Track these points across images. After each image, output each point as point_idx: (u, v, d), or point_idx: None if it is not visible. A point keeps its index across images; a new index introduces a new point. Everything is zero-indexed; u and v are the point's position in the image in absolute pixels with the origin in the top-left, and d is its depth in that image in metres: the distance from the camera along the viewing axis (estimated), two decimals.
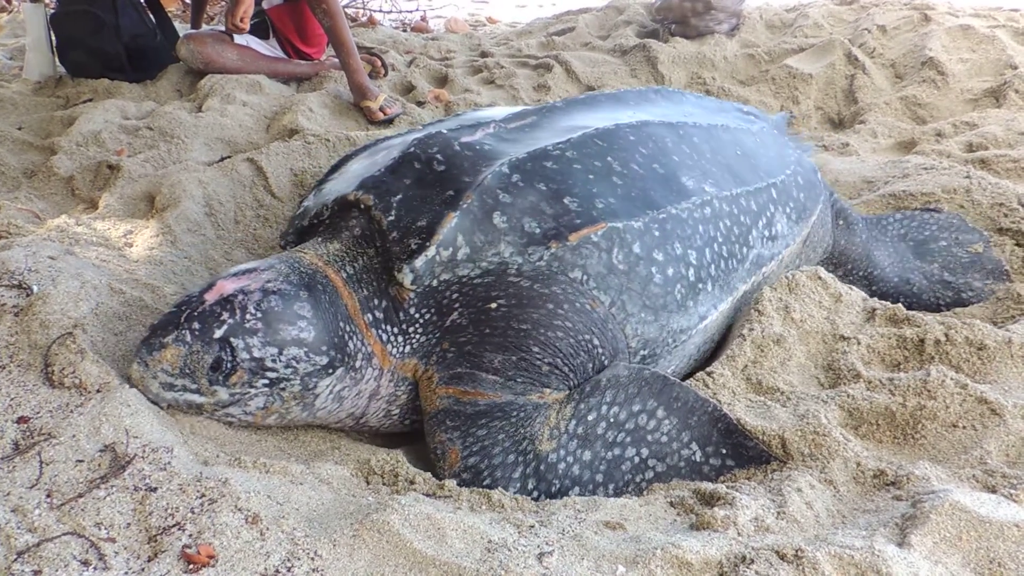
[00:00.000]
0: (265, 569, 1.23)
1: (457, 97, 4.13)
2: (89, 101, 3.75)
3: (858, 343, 2.07)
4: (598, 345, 1.84)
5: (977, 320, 2.11)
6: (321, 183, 2.23)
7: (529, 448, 1.69)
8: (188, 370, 1.60)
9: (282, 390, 1.68)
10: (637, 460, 1.72)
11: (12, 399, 1.51)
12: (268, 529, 1.30)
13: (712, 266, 2.09)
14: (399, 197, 1.88)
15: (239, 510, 1.31)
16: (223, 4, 5.83)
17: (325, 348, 1.72)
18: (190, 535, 1.26)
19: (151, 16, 4.18)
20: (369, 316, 1.82)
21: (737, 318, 2.21)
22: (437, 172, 1.92)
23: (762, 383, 1.97)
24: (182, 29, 4.48)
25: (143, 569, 1.21)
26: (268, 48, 4.14)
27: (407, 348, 1.84)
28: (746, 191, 2.24)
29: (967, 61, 4.33)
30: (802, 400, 1.88)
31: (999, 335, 2.01)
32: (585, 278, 1.86)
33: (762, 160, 2.42)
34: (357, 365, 1.78)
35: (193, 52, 3.88)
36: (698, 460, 1.73)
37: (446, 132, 2.02)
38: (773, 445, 1.73)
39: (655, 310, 1.95)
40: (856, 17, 5.17)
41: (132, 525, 1.28)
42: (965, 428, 1.76)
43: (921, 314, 2.14)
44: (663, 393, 1.78)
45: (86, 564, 1.20)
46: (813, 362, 2.07)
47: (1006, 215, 2.69)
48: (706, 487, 1.59)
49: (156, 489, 1.34)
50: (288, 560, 1.25)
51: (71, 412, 1.48)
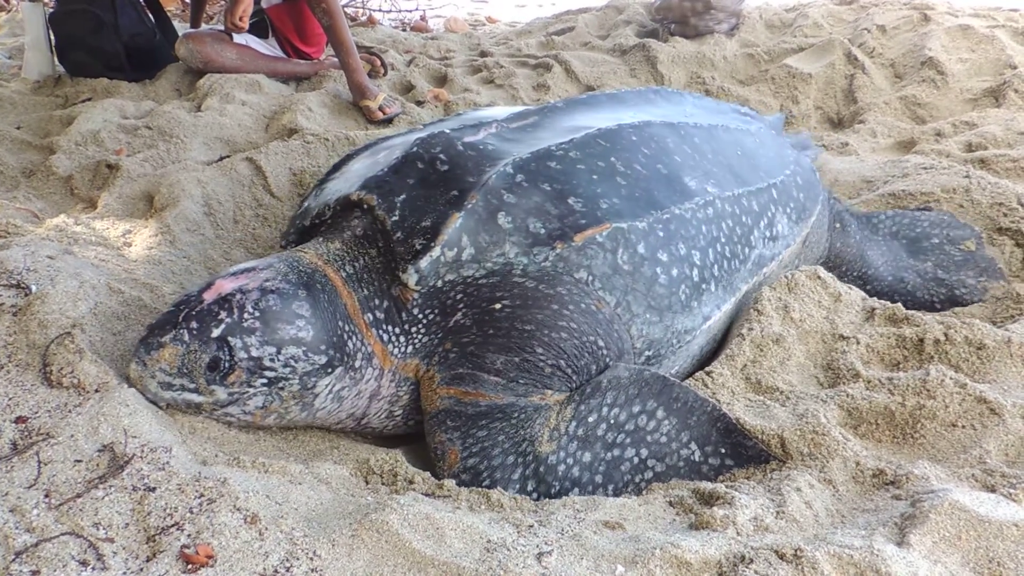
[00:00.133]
0: (264, 569, 1.23)
1: (456, 97, 4.13)
2: (88, 100, 3.75)
3: (857, 343, 2.07)
4: (603, 347, 1.83)
5: (976, 320, 2.11)
6: (322, 183, 2.22)
7: (529, 449, 1.68)
8: (186, 369, 1.60)
9: (281, 390, 1.67)
10: (636, 461, 1.72)
11: (10, 399, 1.51)
12: (267, 529, 1.29)
13: (715, 266, 2.08)
14: (403, 197, 1.87)
15: (238, 510, 1.31)
16: (222, 3, 5.82)
17: (324, 347, 1.71)
18: (189, 535, 1.26)
19: (150, 15, 4.18)
20: (369, 316, 1.82)
21: (737, 318, 2.21)
22: (441, 172, 1.91)
23: (761, 382, 1.97)
24: (181, 28, 4.48)
25: (142, 569, 1.21)
26: (267, 47, 4.13)
27: (409, 348, 1.84)
28: (748, 191, 2.24)
29: (967, 61, 4.33)
30: (801, 399, 1.88)
31: (998, 335, 2.01)
32: (590, 279, 1.86)
33: (762, 160, 2.42)
34: (356, 365, 1.77)
35: (192, 51, 3.88)
36: (697, 460, 1.73)
37: (449, 132, 2.01)
38: (772, 444, 1.73)
39: (660, 311, 1.95)
40: (856, 17, 5.17)
41: (131, 525, 1.28)
42: (964, 427, 1.76)
43: (920, 314, 2.14)
44: (663, 394, 1.77)
45: (84, 564, 1.20)
46: (812, 361, 2.07)
47: (1005, 215, 2.69)
48: (705, 487, 1.59)
49: (155, 489, 1.33)
50: (287, 560, 1.25)
51: (69, 412, 1.48)
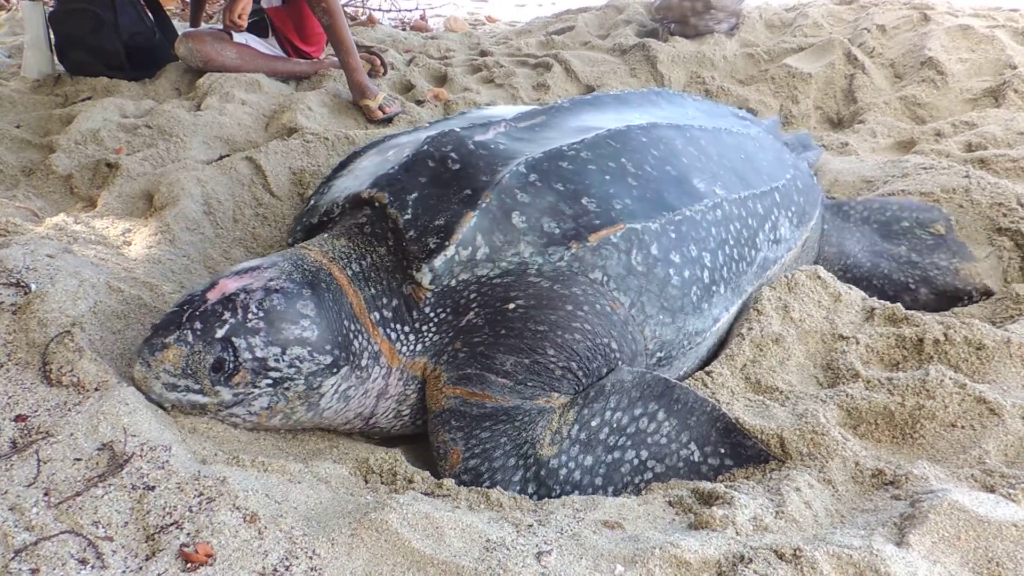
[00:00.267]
0: (263, 568, 1.23)
1: (456, 96, 4.13)
2: (88, 99, 3.75)
3: (857, 342, 2.07)
4: (616, 349, 1.82)
5: (976, 320, 2.11)
6: (329, 180, 2.21)
7: (530, 452, 1.67)
8: (190, 370, 1.59)
9: (286, 390, 1.66)
10: (636, 462, 1.71)
11: (10, 397, 1.51)
12: (266, 528, 1.29)
13: (724, 268, 2.09)
14: (415, 195, 1.86)
15: (237, 509, 1.31)
16: (222, 2, 5.82)
17: (329, 347, 1.70)
18: (188, 534, 1.26)
19: (150, 14, 4.18)
20: (376, 314, 1.80)
21: (737, 317, 2.21)
22: (452, 171, 1.90)
23: (761, 382, 1.97)
24: (181, 27, 4.48)
25: (141, 568, 1.21)
26: (267, 47, 4.13)
27: (418, 347, 1.82)
28: (752, 194, 2.24)
29: (966, 61, 4.33)
30: (801, 399, 1.88)
31: (998, 335, 2.01)
32: (605, 279, 1.85)
33: (764, 164, 2.43)
34: (363, 364, 1.76)
35: (192, 50, 3.87)
36: (696, 460, 1.73)
37: (459, 131, 2.00)
38: (772, 444, 1.73)
39: (672, 312, 1.94)
40: (855, 17, 5.17)
41: (130, 524, 1.28)
42: (964, 428, 1.76)
43: (920, 314, 2.14)
44: (664, 396, 1.76)
45: (84, 563, 1.20)
46: (812, 361, 2.07)
47: (1005, 215, 2.69)
48: (705, 486, 1.59)
49: (154, 488, 1.33)
50: (286, 559, 1.25)
51: (69, 410, 1.48)
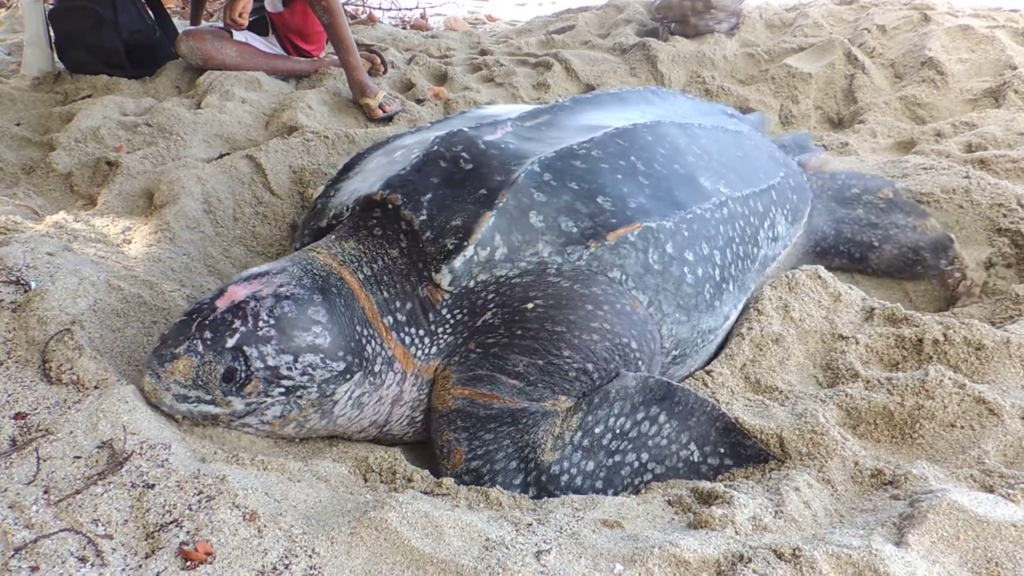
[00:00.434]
0: (263, 566, 1.23)
1: (456, 95, 4.13)
2: (88, 97, 3.75)
3: (856, 342, 2.07)
4: (636, 349, 1.81)
5: (975, 320, 2.11)
6: (335, 183, 2.18)
7: (531, 456, 1.66)
8: (201, 381, 1.56)
9: (299, 398, 1.64)
10: (637, 464, 1.71)
11: (10, 395, 1.51)
12: (266, 526, 1.29)
13: (732, 266, 2.09)
14: (429, 196, 1.83)
15: (237, 507, 1.31)
16: (222, 0, 5.81)
17: (341, 353, 1.67)
18: (188, 532, 1.26)
19: (150, 12, 4.18)
20: (389, 319, 1.78)
21: (738, 316, 2.21)
22: (465, 171, 1.88)
23: (760, 382, 1.98)
24: (181, 25, 4.48)
25: (140, 566, 1.21)
26: (267, 45, 4.13)
27: (433, 349, 1.80)
28: (753, 192, 2.26)
29: (966, 61, 4.32)
30: (800, 399, 1.88)
31: (997, 335, 2.01)
32: (624, 278, 1.85)
33: (759, 162, 2.44)
34: (376, 369, 1.74)
35: (192, 48, 3.87)
36: (696, 460, 1.73)
37: (468, 131, 1.98)
38: (771, 444, 1.73)
39: (688, 310, 1.95)
40: (856, 17, 5.17)
41: (129, 522, 1.28)
42: (963, 428, 1.76)
43: (919, 314, 2.14)
44: (666, 399, 1.75)
45: (83, 560, 1.20)
46: (812, 361, 2.07)
47: (1005, 215, 2.69)
48: (704, 486, 1.59)
49: (154, 486, 1.33)
50: (286, 557, 1.25)
51: (69, 408, 1.48)
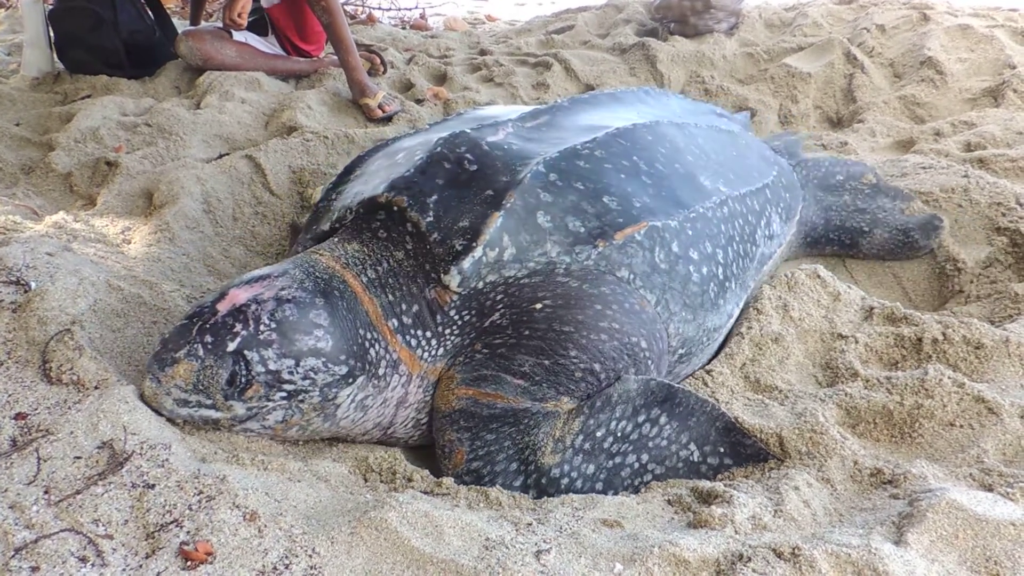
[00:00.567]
0: (263, 566, 1.23)
1: (456, 95, 4.13)
2: (87, 97, 3.75)
3: (856, 342, 2.07)
4: (646, 348, 1.81)
5: (975, 319, 2.11)
6: (336, 186, 2.17)
7: (532, 459, 1.66)
8: (202, 385, 1.55)
9: (301, 402, 1.63)
10: (637, 466, 1.71)
11: (10, 395, 1.51)
12: (266, 526, 1.29)
13: (734, 264, 2.10)
14: (434, 198, 1.83)
15: (237, 507, 1.31)
16: (222, 0, 5.81)
17: (344, 357, 1.66)
18: (188, 532, 1.26)
19: (149, 12, 4.18)
20: (395, 321, 1.76)
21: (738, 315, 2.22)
22: (470, 172, 1.88)
23: (760, 381, 1.98)
24: (181, 26, 4.48)
25: (141, 566, 1.21)
26: (267, 45, 4.13)
27: (440, 351, 1.80)
28: (749, 191, 2.27)
29: (966, 61, 4.33)
30: (800, 398, 1.88)
31: (996, 334, 2.02)
32: (632, 277, 1.85)
33: (752, 161, 2.46)
34: (380, 372, 1.73)
35: (192, 49, 3.87)
36: (696, 460, 1.73)
37: (471, 132, 1.98)
38: (771, 443, 1.73)
39: (694, 309, 1.95)
40: (855, 16, 5.17)
41: (130, 522, 1.28)
42: (962, 427, 1.77)
43: (919, 313, 2.15)
44: (667, 401, 1.75)
45: (84, 560, 1.20)
46: (811, 360, 2.08)
47: (1004, 214, 2.69)
48: (704, 485, 1.59)
49: (154, 486, 1.33)
50: (286, 557, 1.25)
51: (69, 408, 1.48)
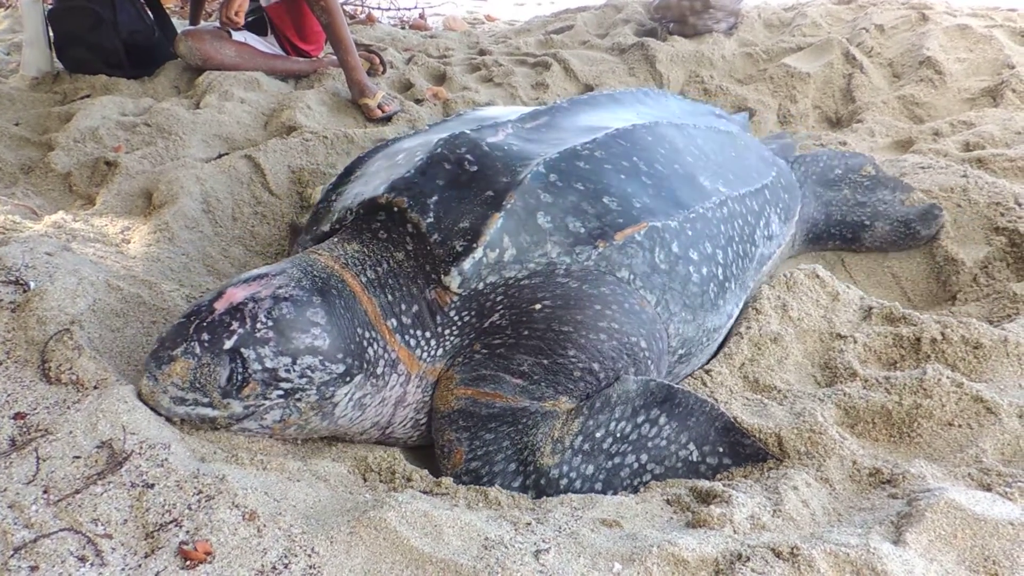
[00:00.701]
0: (262, 566, 1.23)
1: (455, 95, 4.13)
2: (87, 97, 3.75)
3: (855, 341, 2.07)
4: (646, 348, 1.81)
5: (973, 319, 2.11)
6: (336, 187, 2.17)
7: (531, 459, 1.66)
8: (199, 383, 1.55)
9: (298, 401, 1.63)
10: (636, 466, 1.70)
11: (9, 395, 1.51)
12: (265, 526, 1.30)
13: (733, 265, 2.10)
14: (435, 199, 1.83)
15: (236, 507, 1.31)
16: (221, 0, 5.81)
17: (341, 355, 1.66)
18: (187, 531, 1.26)
19: (149, 12, 4.18)
20: (393, 321, 1.77)
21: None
22: (470, 173, 1.88)
23: (759, 381, 1.98)
24: (180, 25, 4.48)
25: (140, 565, 1.21)
26: (266, 45, 4.13)
27: (439, 351, 1.80)
28: (749, 191, 2.27)
29: (964, 60, 4.33)
30: (799, 398, 1.88)
31: (995, 334, 2.02)
32: (632, 277, 1.85)
33: (751, 161, 2.46)
34: (379, 372, 1.73)
35: (191, 48, 3.87)
36: (695, 460, 1.73)
37: (470, 133, 1.98)
38: (770, 443, 1.73)
39: (693, 309, 1.96)
40: (854, 16, 5.17)
41: (129, 521, 1.28)
42: (961, 426, 1.77)
43: (917, 313, 2.15)
44: (667, 401, 1.75)
45: (83, 560, 1.20)
46: (810, 360, 2.08)
47: (1003, 214, 2.69)
48: (703, 485, 1.59)
49: (153, 485, 1.34)
50: (285, 557, 1.26)
51: (68, 408, 1.48)
